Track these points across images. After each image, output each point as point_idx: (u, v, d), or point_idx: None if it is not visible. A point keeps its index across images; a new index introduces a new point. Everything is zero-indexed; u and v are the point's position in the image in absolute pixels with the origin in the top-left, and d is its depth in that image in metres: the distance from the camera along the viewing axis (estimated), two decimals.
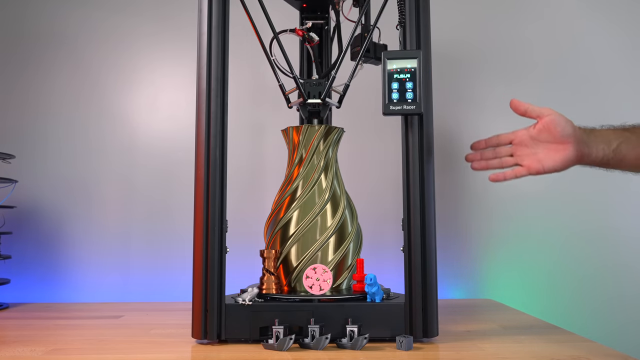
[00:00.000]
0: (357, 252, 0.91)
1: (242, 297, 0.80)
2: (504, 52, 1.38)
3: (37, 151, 1.32)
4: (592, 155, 0.83)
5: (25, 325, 0.97)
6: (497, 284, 1.32)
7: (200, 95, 0.81)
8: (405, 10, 0.83)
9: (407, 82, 0.79)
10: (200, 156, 0.80)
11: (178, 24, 1.35)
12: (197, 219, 0.79)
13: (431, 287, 0.79)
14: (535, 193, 1.34)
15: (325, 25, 1.03)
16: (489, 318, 1.02)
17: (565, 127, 0.83)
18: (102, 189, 1.32)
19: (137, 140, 1.33)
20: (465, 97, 1.37)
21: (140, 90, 1.35)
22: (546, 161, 0.85)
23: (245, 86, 1.34)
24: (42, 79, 1.34)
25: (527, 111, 0.85)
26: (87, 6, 1.36)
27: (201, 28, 0.82)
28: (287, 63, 0.89)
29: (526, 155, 0.87)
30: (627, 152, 0.83)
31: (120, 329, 0.92)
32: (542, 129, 0.84)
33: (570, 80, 1.37)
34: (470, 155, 0.92)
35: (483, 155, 0.90)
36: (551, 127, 0.83)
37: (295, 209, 0.89)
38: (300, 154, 0.92)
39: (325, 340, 0.75)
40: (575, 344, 0.79)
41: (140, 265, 1.29)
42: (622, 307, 1.30)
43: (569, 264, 1.32)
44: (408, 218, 0.80)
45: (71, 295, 1.28)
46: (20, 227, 1.29)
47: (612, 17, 1.38)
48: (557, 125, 0.83)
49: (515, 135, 0.88)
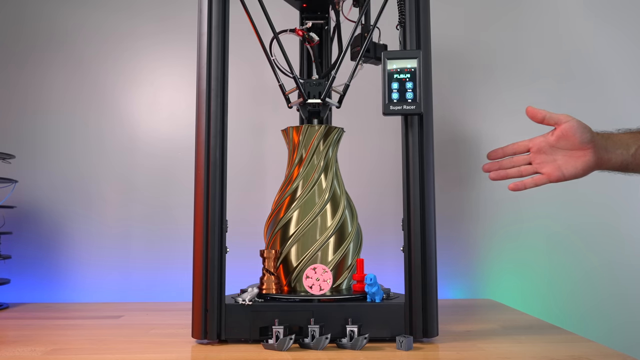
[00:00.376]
0: (357, 252, 0.91)
1: (242, 297, 0.80)
2: (507, 52, 1.38)
3: (37, 151, 1.32)
4: (612, 161, 0.83)
5: (25, 325, 0.97)
6: (497, 284, 1.32)
7: (200, 95, 0.81)
8: (405, 10, 0.83)
9: (407, 82, 0.79)
10: (200, 156, 0.80)
11: (178, 24, 1.35)
12: (197, 219, 0.79)
13: (431, 287, 0.79)
14: (535, 193, 1.33)
15: (325, 25, 1.03)
16: (489, 318, 1.02)
17: (584, 134, 0.82)
18: (102, 188, 1.32)
19: (137, 140, 1.33)
20: (466, 97, 1.37)
21: (140, 90, 1.35)
22: (566, 168, 0.84)
23: (245, 86, 1.34)
24: (42, 79, 1.34)
25: (545, 119, 0.84)
26: (86, 6, 1.36)
27: (201, 28, 0.82)
28: (287, 63, 0.89)
29: (545, 163, 0.86)
30: None
31: (120, 329, 0.92)
32: (561, 136, 0.83)
33: (573, 80, 1.37)
34: (487, 165, 0.90)
35: (501, 165, 0.89)
36: (570, 134, 0.82)
37: (295, 209, 0.89)
38: (300, 154, 0.92)
39: (325, 340, 0.75)
40: (574, 344, 0.79)
41: (140, 265, 1.29)
42: (623, 306, 1.30)
43: (569, 263, 1.32)
44: (408, 218, 0.80)
45: (71, 295, 1.28)
46: (20, 227, 1.29)
47: (617, 20, 1.38)
48: (576, 132, 0.82)
49: (533, 142, 0.87)
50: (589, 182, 1.32)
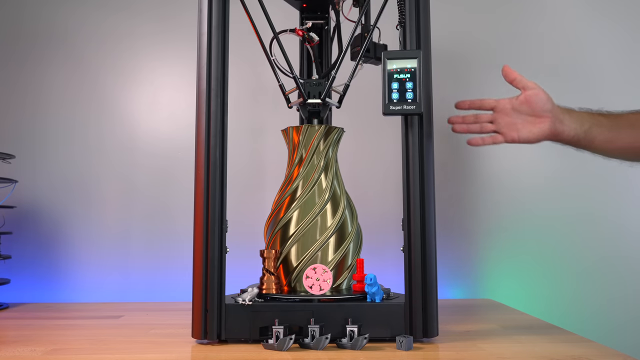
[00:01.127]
0: (357, 252, 0.91)
1: (242, 297, 0.80)
2: (507, 51, 1.38)
3: (37, 151, 1.32)
4: (565, 133, 0.89)
5: (25, 325, 0.97)
6: (497, 284, 1.32)
7: (200, 95, 0.81)
8: (405, 10, 0.83)
9: (407, 82, 0.79)
10: (200, 156, 0.80)
11: (178, 23, 1.35)
12: (197, 218, 0.79)
13: (431, 287, 0.79)
14: (535, 193, 1.34)
15: (325, 25, 1.03)
16: (489, 318, 1.02)
17: (546, 103, 0.88)
18: (102, 188, 1.32)
19: (136, 140, 1.33)
20: (466, 97, 1.36)
21: (140, 90, 1.35)
22: (522, 132, 0.90)
23: (245, 86, 1.34)
24: (42, 78, 1.34)
25: (515, 80, 0.91)
26: (86, 5, 1.36)
27: (201, 28, 0.82)
28: (287, 63, 0.89)
29: (505, 124, 0.92)
30: (597, 134, 0.89)
31: (120, 329, 0.92)
32: (524, 101, 0.90)
33: (575, 80, 1.37)
34: (453, 117, 0.96)
35: (465, 119, 0.95)
36: (533, 100, 0.89)
37: (295, 209, 0.89)
38: (300, 154, 0.92)
39: (325, 340, 0.75)
40: (575, 344, 0.79)
41: (140, 265, 1.29)
42: (624, 305, 1.30)
43: (569, 263, 1.32)
44: (408, 218, 0.80)
45: (71, 295, 1.28)
46: (20, 227, 1.29)
47: (618, 18, 1.38)
48: (539, 100, 0.88)
49: (498, 103, 0.93)
50: (590, 181, 1.33)
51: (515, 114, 0.91)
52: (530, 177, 1.35)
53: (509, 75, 0.91)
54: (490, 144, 0.92)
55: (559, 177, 1.35)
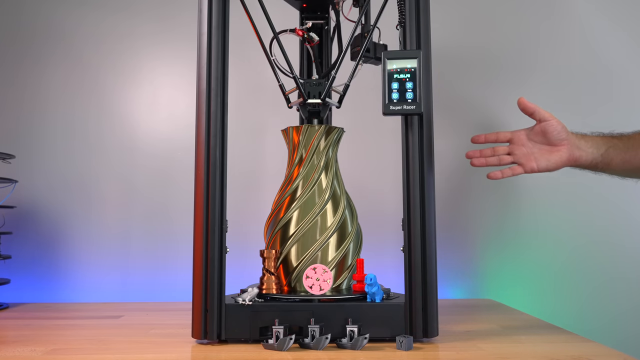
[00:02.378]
0: (357, 252, 0.91)
1: (242, 297, 0.80)
2: (508, 51, 1.38)
3: (37, 151, 1.31)
4: (583, 158, 0.92)
5: (24, 325, 0.97)
6: (497, 284, 1.32)
7: (200, 95, 0.81)
8: (405, 10, 0.82)
9: (407, 82, 0.79)
10: (200, 156, 0.80)
11: (178, 23, 1.35)
12: (197, 219, 0.79)
13: (431, 287, 0.79)
14: (536, 193, 1.34)
15: (325, 25, 1.03)
16: (489, 318, 1.02)
17: (561, 132, 0.91)
18: (101, 188, 1.32)
19: (136, 140, 1.33)
20: (467, 97, 1.37)
21: (139, 90, 1.35)
22: (540, 161, 0.93)
23: (245, 86, 1.34)
24: (41, 78, 1.33)
25: (534, 113, 0.92)
26: (85, 5, 1.36)
27: (201, 28, 0.82)
28: (287, 63, 0.89)
29: (523, 155, 0.94)
30: (614, 156, 0.92)
31: (120, 329, 0.92)
32: (539, 132, 0.93)
33: (576, 81, 1.37)
34: (470, 152, 0.98)
35: (482, 153, 0.97)
36: (548, 130, 0.91)
37: (295, 209, 0.89)
38: (300, 154, 0.92)
39: (325, 340, 0.75)
40: (575, 344, 0.79)
41: (140, 265, 1.29)
42: (626, 305, 1.30)
43: (569, 263, 1.32)
44: (408, 218, 0.80)
45: (71, 295, 1.28)
46: (20, 227, 1.29)
47: (621, 18, 1.38)
48: (554, 130, 0.91)
49: (514, 134, 0.95)
50: (590, 181, 1.32)
51: (531, 144, 0.94)
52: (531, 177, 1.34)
53: (527, 109, 0.93)
54: (509, 175, 0.94)
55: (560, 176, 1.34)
